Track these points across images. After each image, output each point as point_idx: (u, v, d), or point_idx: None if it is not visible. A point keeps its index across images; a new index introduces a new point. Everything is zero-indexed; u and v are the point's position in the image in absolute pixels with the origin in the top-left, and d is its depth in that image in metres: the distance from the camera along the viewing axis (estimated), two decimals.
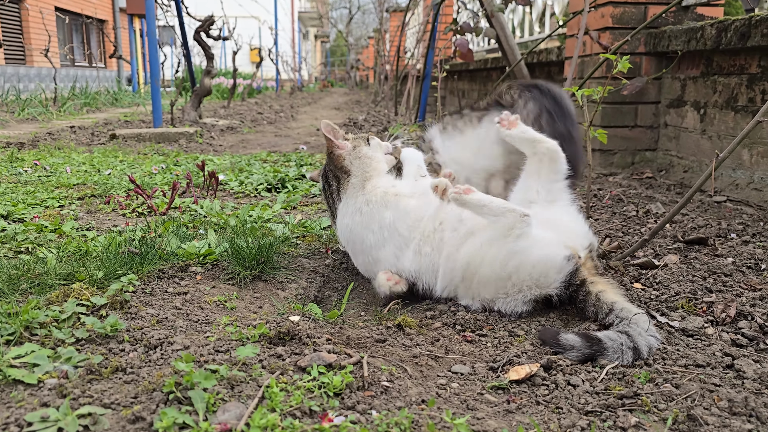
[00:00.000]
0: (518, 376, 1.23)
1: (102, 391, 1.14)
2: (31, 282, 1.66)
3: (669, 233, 2.30)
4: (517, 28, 6.19)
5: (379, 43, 11.15)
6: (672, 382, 1.21)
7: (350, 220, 1.74)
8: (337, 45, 40.02)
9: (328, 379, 1.16)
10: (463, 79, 8.37)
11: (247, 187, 3.35)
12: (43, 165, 4.07)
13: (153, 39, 5.90)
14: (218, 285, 1.75)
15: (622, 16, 3.55)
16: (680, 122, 3.45)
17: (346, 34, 19.64)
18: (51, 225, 2.41)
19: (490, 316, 1.58)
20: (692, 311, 1.57)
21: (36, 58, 13.21)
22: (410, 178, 1.82)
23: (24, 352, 1.27)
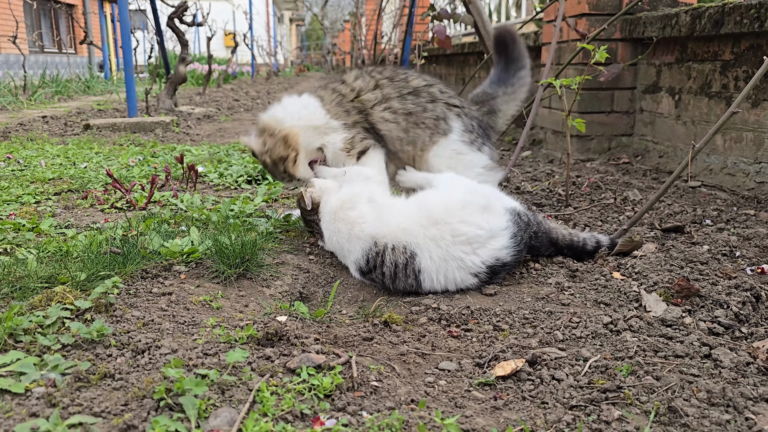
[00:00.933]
0: (504, 372, 1.25)
1: (91, 399, 1.14)
2: (12, 286, 1.64)
3: (646, 221, 2.35)
4: (494, 12, 6.19)
5: (356, 27, 11.07)
6: (653, 374, 1.24)
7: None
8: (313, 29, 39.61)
9: (318, 381, 1.17)
10: (441, 64, 8.35)
11: (227, 179, 3.33)
12: (17, 158, 3.99)
13: (126, 26, 5.79)
14: (203, 284, 1.75)
15: (598, 2, 3.57)
16: (656, 108, 3.49)
17: (321, 18, 19.44)
18: (29, 223, 2.38)
19: (475, 311, 1.61)
20: (670, 301, 1.61)
21: (3, 44, 12.89)
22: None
23: (9, 360, 1.26)
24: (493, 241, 1.71)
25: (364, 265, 1.78)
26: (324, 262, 2.01)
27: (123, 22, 5.80)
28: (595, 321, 1.50)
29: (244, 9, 15.98)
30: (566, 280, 1.81)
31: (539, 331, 1.48)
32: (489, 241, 1.71)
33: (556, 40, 3.12)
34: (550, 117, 4.10)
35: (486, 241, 1.71)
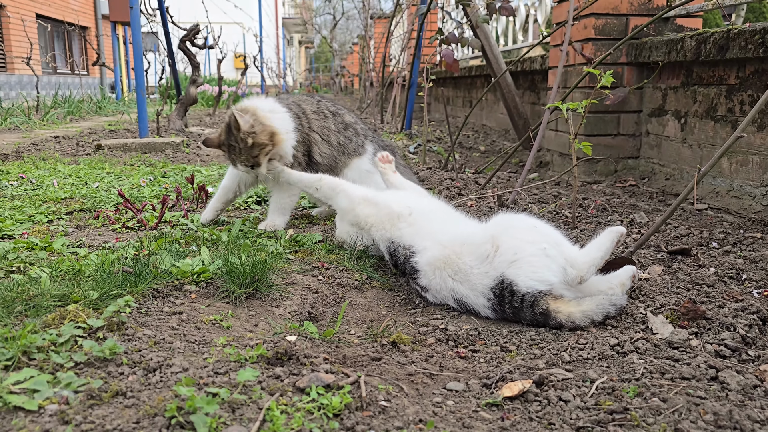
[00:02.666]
0: (511, 392, 1.26)
1: (104, 417, 1.16)
2: (26, 304, 1.67)
3: (652, 243, 2.36)
4: (501, 36, 6.26)
5: (364, 49, 11.20)
6: (659, 396, 1.25)
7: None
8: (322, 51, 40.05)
9: (327, 400, 1.19)
10: (448, 86, 8.43)
11: (237, 200, 3.36)
12: (29, 178, 4.05)
13: (138, 48, 5.89)
14: (213, 303, 1.77)
15: (604, 27, 3.62)
16: (662, 131, 3.52)
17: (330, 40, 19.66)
18: (41, 242, 2.41)
19: (482, 332, 1.62)
20: (677, 323, 1.62)
21: (17, 65, 13.10)
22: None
23: (23, 378, 1.28)
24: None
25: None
26: (333, 282, 2.03)
27: (136, 44, 5.90)
28: (601, 343, 1.51)
29: (254, 32, 16.20)
30: None
31: (546, 353, 1.49)
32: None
33: (562, 64, 3.17)
34: (556, 139, 4.13)
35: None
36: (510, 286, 1.63)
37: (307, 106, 2.80)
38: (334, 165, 2.82)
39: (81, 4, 16.54)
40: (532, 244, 1.66)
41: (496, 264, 1.66)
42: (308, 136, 2.73)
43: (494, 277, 1.66)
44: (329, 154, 2.79)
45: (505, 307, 1.64)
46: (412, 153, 5.15)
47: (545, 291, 1.61)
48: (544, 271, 1.62)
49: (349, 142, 2.84)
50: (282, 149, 2.58)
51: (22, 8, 13.41)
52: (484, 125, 6.78)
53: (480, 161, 4.85)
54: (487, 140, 6.14)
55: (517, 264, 1.63)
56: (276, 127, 2.54)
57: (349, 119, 2.90)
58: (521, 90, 5.48)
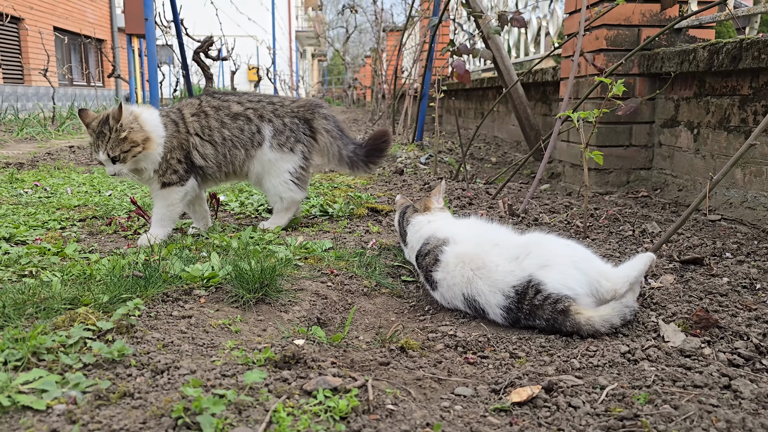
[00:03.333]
0: (520, 398, 1.25)
1: (111, 417, 1.16)
2: (37, 306, 1.68)
3: (665, 253, 2.34)
4: (513, 48, 6.27)
5: (376, 62, 11.26)
6: (671, 403, 1.23)
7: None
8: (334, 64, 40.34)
9: (334, 403, 1.18)
10: (460, 98, 8.45)
11: (248, 208, 3.38)
12: (44, 186, 4.10)
13: (153, 60, 5.96)
14: (222, 308, 1.77)
15: (616, 38, 3.62)
16: (674, 142, 3.50)
17: (343, 53, 19.80)
18: (54, 248, 2.43)
19: (491, 338, 1.61)
20: (689, 331, 1.60)
21: (34, 77, 13.30)
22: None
23: (32, 378, 1.29)
24: None
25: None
26: (342, 288, 2.03)
27: (150, 55, 5.97)
28: (612, 350, 1.49)
29: (267, 44, 16.34)
30: None
31: (556, 360, 1.47)
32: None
33: (573, 75, 3.16)
34: (568, 150, 4.12)
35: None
36: (537, 285, 1.64)
37: (188, 110, 2.72)
38: (229, 162, 2.74)
39: (98, 17, 16.78)
40: (563, 256, 1.71)
41: (524, 265, 1.70)
42: (186, 142, 2.66)
43: (521, 276, 1.68)
44: (215, 154, 2.70)
45: (524, 304, 1.65)
46: (423, 164, 5.16)
47: (571, 296, 1.62)
48: (572, 280, 1.65)
49: (240, 133, 2.72)
50: (151, 156, 2.56)
51: (39, 21, 13.63)
52: (496, 137, 6.78)
53: (491, 172, 4.85)
54: (498, 152, 6.14)
55: (548, 268, 1.67)
56: (152, 135, 2.54)
57: (236, 108, 2.75)
58: (533, 101, 5.48)
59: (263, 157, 2.76)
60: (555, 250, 1.74)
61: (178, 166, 2.64)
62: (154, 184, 2.64)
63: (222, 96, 2.84)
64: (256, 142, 2.75)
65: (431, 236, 2.02)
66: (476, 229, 2.02)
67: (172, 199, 2.63)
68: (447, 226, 2.07)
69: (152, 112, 2.65)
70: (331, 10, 35.10)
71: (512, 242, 1.84)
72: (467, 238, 1.93)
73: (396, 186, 4.06)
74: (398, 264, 2.29)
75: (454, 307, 1.84)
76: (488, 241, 1.87)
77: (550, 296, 1.62)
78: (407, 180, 4.26)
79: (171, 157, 2.62)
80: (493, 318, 1.72)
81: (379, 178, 4.44)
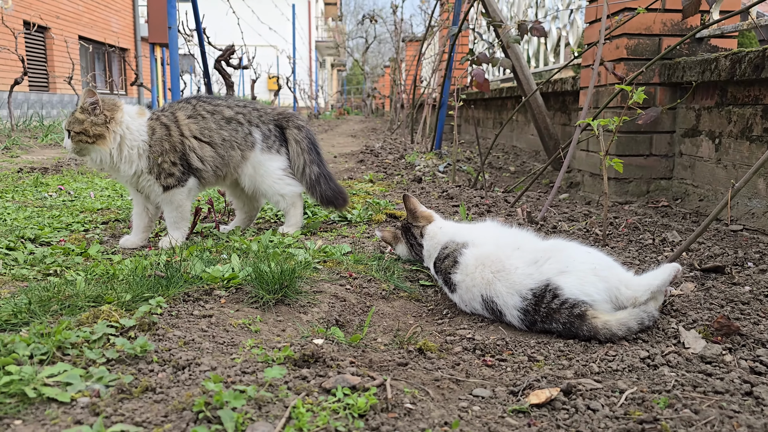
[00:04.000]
0: (538, 400, 1.25)
1: (133, 410, 1.18)
2: (62, 303, 1.71)
3: (685, 261, 2.32)
4: (532, 58, 6.28)
5: (395, 72, 11.31)
6: (691, 407, 1.22)
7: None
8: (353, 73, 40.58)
9: (352, 401, 1.19)
10: (479, 108, 8.46)
11: (267, 212, 3.40)
12: (67, 190, 4.17)
13: (175, 68, 6.05)
14: (242, 308, 1.79)
15: (637, 47, 3.61)
16: (695, 151, 3.47)
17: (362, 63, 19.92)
18: (77, 248, 2.48)
19: (510, 342, 1.61)
20: (710, 338, 1.58)
21: (59, 85, 13.54)
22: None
23: (57, 372, 1.31)
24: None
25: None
26: (360, 291, 2.04)
27: (173, 65, 6.06)
28: (631, 355, 1.49)
29: (287, 54, 16.49)
30: None
31: (575, 363, 1.47)
32: None
33: (593, 84, 3.16)
34: (587, 160, 4.11)
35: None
36: (555, 289, 1.65)
37: (182, 113, 2.73)
38: (226, 164, 2.78)
39: (122, 26, 17.07)
40: (583, 263, 1.71)
41: (544, 269, 1.70)
42: (181, 144, 2.67)
43: (539, 280, 1.69)
44: (214, 156, 2.73)
45: (541, 307, 1.65)
46: (441, 172, 5.16)
47: (588, 302, 1.62)
48: (590, 287, 1.64)
49: (235, 134, 2.78)
50: (103, 154, 2.55)
51: (65, 30, 13.89)
52: (515, 146, 6.77)
53: (510, 181, 4.84)
54: (517, 161, 6.13)
55: (566, 274, 1.67)
56: (111, 135, 2.54)
57: (228, 113, 2.81)
58: (552, 111, 5.48)
59: (255, 158, 2.83)
60: (575, 257, 1.74)
61: (173, 169, 2.65)
62: (156, 188, 2.64)
63: (211, 99, 2.89)
64: (250, 143, 2.83)
65: (450, 240, 2.03)
66: (495, 232, 2.03)
67: (177, 200, 2.67)
68: (465, 230, 2.08)
69: (141, 116, 2.67)
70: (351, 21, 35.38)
71: (533, 246, 1.85)
72: (487, 240, 1.94)
73: (414, 193, 4.07)
74: (416, 268, 2.30)
75: (471, 309, 1.85)
76: (509, 244, 1.88)
77: (567, 301, 1.62)
78: (425, 188, 4.27)
79: (163, 160, 2.62)
80: (510, 320, 1.72)
81: (398, 186, 4.46)
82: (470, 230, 2.08)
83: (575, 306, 1.61)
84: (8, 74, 11.24)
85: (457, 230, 2.11)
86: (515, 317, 1.71)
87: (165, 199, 2.66)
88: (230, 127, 2.79)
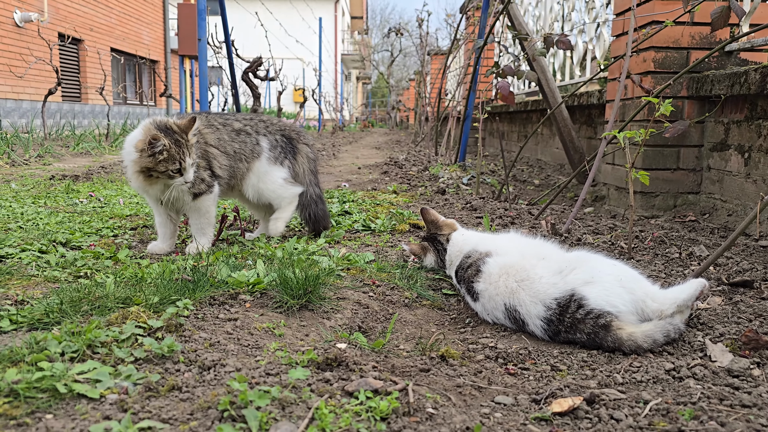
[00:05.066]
0: (561, 408, 1.25)
1: (160, 408, 1.20)
2: (92, 304, 1.75)
3: (713, 276, 2.29)
4: (558, 71, 6.26)
5: (420, 84, 11.36)
6: (717, 420, 1.21)
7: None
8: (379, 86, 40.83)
9: (375, 404, 1.20)
10: (503, 121, 8.45)
11: (293, 221, 3.44)
12: (98, 196, 4.25)
13: (204, 80, 6.15)
14: (267, 313, 1.81)
15: (664, 60, 3.59)
16: (724, 166, 3.43)
17: (387, 76, 20.04)
18: (107, 252, 2.53)
19: (532, 351, 1.60)
20: (737, 352, 1.56)
21: (91, 95, 13.84)
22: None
23: (87, 369, 1.34)
24: None
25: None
26: (383, 299, 2.05)
27: (202, 76, 6.17)
28: (656, 367, 1.47)
29: (314, 66, 16.67)
30: None
31: (598, 374, 1.46)
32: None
33: (620, 97, 3.15)
34: (613, 173, 4.08)
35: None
36: (579, 300, 1.64)
37: (198, 123, 2.72)
38: (234, 174, 2.86)
39: (152, 39, 17.42)
40: (609, 275, 1.70)
41: (569, 279, 1.70)
42: (206, 152, 2.73)
43: (564, 290, 1.68)
44: (228, 165, 2.80)
45: (565, 317, 1.64)
46: (465, 184, 5.17)
47: (614, 313, 1.61)
48: (616, 298, 1.64)
49: (244, 146, 2.87)
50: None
51: (98, 42, 14.22)
52: (539, 160, 6.75)
53: (534, 194, 4.82)
54: (541, 174, 6.10)
55: (592, 284, 1.67)
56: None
57: (237, 125, 2.90)
58: (578, 124, 5.45)
59: (260, 168, 2.91)
60: (601, 268, 1.74)
61: (204, 174, 2.71)
62: (187, 197, 2.66)
63: (220, 114, 3.01)
64: (256, 153, 2.91)
65: (473, 249, 2.04)
66: (519, 242, 2.03)
67: (205, 206, 2.71)
68: (489, 239, 2.08)
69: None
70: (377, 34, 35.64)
71: (558, 257, 1.85)
72: (511, 249, 1.94)
73: (437, 205, 4.08)
74: (439, 277, 2.30)
75: (494, 318, 1.85)
76: (534, 254, 1.88)
77: (592, 311, 1.61)
78: (449, 199, 4.27)
79: (199, 165, 2.68)
80: (533, 329, 1.72)
81: (421, 197, 4.47)
82: (494, 239, 2.09)
83: (600, 316, 1.60)
84: (42, 85, 11.53)
85: (480, 239, 2.11)
86: (538, 327, 1.70)
87: (194, 207, 2.70)
88: (239, 139, 2.88)
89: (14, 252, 2.51)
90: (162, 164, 2.42)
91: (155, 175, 2.46)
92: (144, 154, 2.41)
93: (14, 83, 10.89)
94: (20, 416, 1.16)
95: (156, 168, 2.43)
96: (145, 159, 2.42)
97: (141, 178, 2.49)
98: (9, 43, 10.81)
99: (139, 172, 2.47)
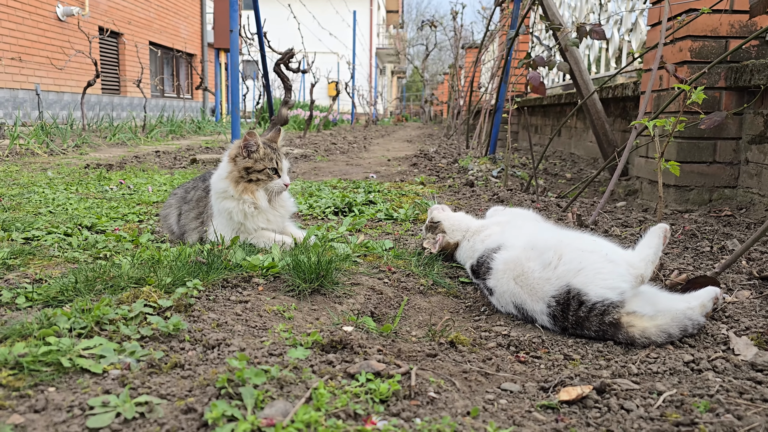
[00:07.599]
0: (569, 396, 1.20)
1: (160, 384, 1.20)
2: (106, 283, 1.77)
3: (744, 270, 2.20)
4: (593, 63, 6.13)
5: (454, 78, 11.26)
6: (734, 413, 1.15)
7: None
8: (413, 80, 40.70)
9: (375, 386, 1.17)
10: (536, 114, 8.32)
11: (315, 210, 3.43)
12: (128, 184, 4.32)
13: (235, 70, 6.21)
14: (278, 296, 1.80)
15: (701, 50, 3.46)
16: (763, 159, 3.30)
17: (422, 70, 19.92)
18: (129, 236, 2.55)
19: (546, 340, 1.55)
20: (763, 346, 1.49)
21: (129, 88, 14.10)
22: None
23: (93, 345, 1.35)
24: None
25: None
26: (398, 285, 2.02)
27: (233, 67, 6.23)
28: (674, 358, 1.41)
29: (347, 59, 16.68)
30: None
31: (613, 364, 1.40)
32: None
33: (652, 87, 3.05)
34: (646, 166, 3.96)
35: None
36: (578, 296, 1.56)
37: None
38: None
39: (190, 32, 17.65)
40: (593, 252, 1.62)
41: (560, 272, 1.61)
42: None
43: (558, 286, 1.60)
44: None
45: (569, 315, 1.57)
46: (494, 177, 5.09)
47: (617, 302, 1.53)
48: (613, 277, 1.55)
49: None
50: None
51: (137, 36, 14.47)
52: (572, 153, 6.62)
53: (565, 187, 4.72)
54: (574, 168, 5.98)
55: (584, 272, 1.57)
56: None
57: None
58: (612, 117, 5.32)
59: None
60: (583, 248, 1.66)
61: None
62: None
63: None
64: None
65: (486, 249, 1.99)
66: (519, 230, 1.96)
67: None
68: (500, 232, 2.03)
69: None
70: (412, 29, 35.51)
71: (544, 244, 1.73)
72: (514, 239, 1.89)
73: (464, 196, 4.02)
74: (456, 265, 2.26)
75: (509, 312, 1.79)
76: (527, 243, 1.79)
77: (595, 307, 1.53)
78: (476, 191, 4.21)
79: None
80: (542, 324, 1.66)
81: (449, 189, 4.42)
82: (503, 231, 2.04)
83: (605, 312, 1.52)
84: (82, 77, 11.80)
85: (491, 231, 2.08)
86: (546, 322, 1.64)
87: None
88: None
89: (41, 234, 2.56)
90: (260, 162, 2.38)
91: (255, 177, 2.39)
92: (239, 158, 2.38)
93: (56, 76, 11.16)
94: (23, 388, 1.17)
95: (254, 167, 2.38)
96: (242, 162, 2.37)
97: (241, 187, 2.38)
98: (52, 37, 11.07)
99: (239, 179, 2.38)
